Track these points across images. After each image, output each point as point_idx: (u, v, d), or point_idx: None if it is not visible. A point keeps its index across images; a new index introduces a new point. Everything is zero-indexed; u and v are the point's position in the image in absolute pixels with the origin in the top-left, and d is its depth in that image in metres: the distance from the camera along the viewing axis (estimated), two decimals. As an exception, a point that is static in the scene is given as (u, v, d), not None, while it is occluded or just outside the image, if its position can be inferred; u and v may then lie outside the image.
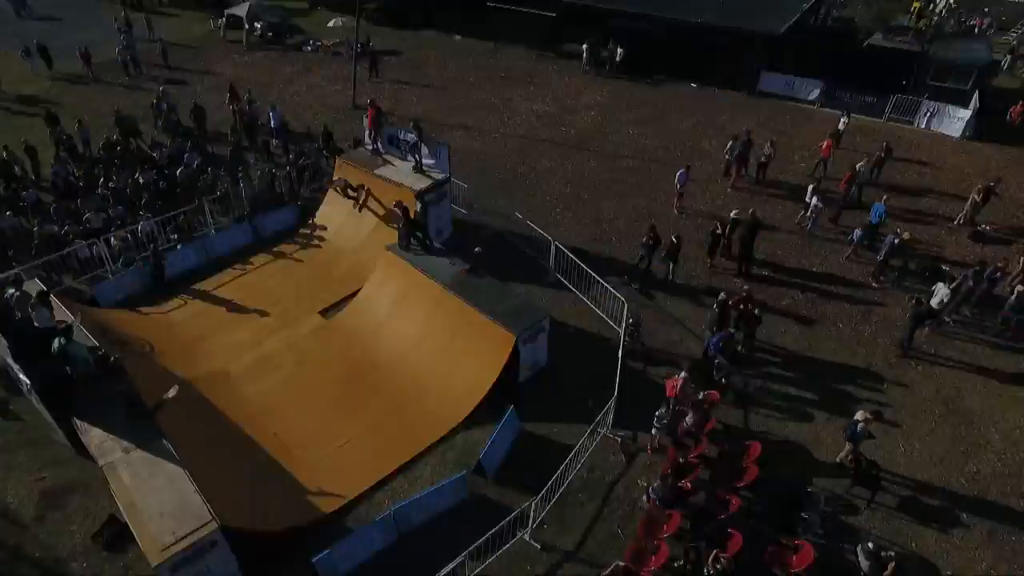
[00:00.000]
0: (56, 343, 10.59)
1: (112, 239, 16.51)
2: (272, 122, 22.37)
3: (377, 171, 17.68)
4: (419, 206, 15.18)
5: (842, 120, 23.10)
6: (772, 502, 11.41)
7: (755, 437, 12.56)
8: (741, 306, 14.37)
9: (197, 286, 16.44)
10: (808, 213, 18.28)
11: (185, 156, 20.36)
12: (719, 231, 16.90)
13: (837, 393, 13.90)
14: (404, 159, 17.95)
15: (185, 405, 11.81)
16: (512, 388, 13.37)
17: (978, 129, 24.11)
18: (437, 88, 28.30)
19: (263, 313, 15.56)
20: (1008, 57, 31.37)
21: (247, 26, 32.80)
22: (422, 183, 16.89)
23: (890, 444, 12.73)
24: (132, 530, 9.50)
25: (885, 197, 18.05)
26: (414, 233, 15.13)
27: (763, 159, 20.87)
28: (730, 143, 20.94)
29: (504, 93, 27.91)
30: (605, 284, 15.21)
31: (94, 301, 15.51)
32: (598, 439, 12.38)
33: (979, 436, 12.98)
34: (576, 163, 22.55)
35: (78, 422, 10.95)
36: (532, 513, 10.70)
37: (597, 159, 22.82)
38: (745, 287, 14.93)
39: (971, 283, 15.10)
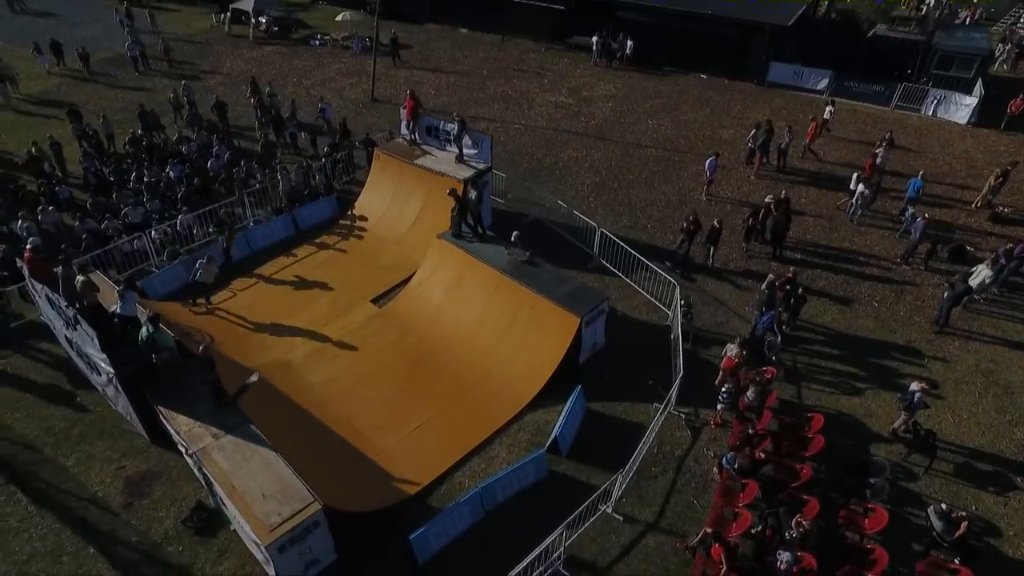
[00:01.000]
0: (144, 331, 10.65)
1: (153, 233, 16.49)
2: (322, 115, 22.95)
3: (417, 161, 17.85)
4: (474, 194, 15.39)
5: (828, 108, 23.58)
6: (839, 469, 11.87)
7: (809, 411, 13.05)
8: (787, 287, 14.84)
9: (243, 278, 16.48)
10: (853, 200, 18.83)
11: (214, 150, 20.32)
12: (756, 216, 17.35)
13: (881, 368, 14.43)
14: (442, 149, 18.15)
15: (260, 392, 11.92)
16: (573, 369, 13.70)
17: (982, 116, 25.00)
18: (453, 81, 28.46)
19: (314, 303, 15.67)
20: (1001, 46, 32.38)
21: (253, 20, 32.61)
22: (465, 172, 17.11)
23: (938, 415, 13.27)
24: (237, 512, 9.62)
25: (921, 173, 18.74)
26: (466, 221, 15.35)
27: (783, 146, 21.42)
28: (753, 131, 21.45)
29: (520, 85, 28.17)
30: (656, 268, 15.57)
31: (142, 294, 15.45)
32: (664, 415, 12.72)
33: (1022, 406, 13.61)
34: (601, 153, 22.90)
35: (162, 410, 11.03)
36: (617, 488, 11.02)
37: (620, 149, 23.20)
38: (792, 268, 15.41)
39: (1003, 261, 15.74)
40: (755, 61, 28.55)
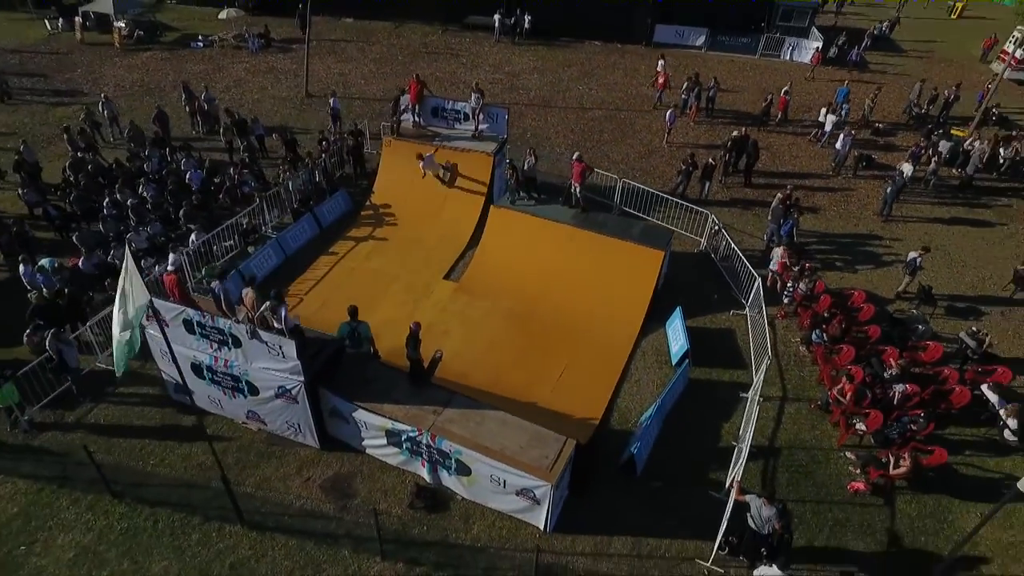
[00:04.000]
0: (347, 326, 10.47)
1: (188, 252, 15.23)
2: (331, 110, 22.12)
3: (434, 142, 18.21)
4: (532, 160, 16.39)
5: (660, 62, 26.46)
6: (883, 327, 15.13)
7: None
8: (788, 201, 17.96)
9: (298, 281, 15.87)
10: (825, 129, 22.82)
11: (182, 163, 18.68)
12: (729, 152, 20.39)
13: (862, 253, 18.22)
14: (451, 128, 18.69)
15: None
16: (654, 296, 15.55)
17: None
18: (375, 69, 28.18)
19: (390, 291, 15.66)
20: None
21: (116, 25, 29.04)
22: (488, 147, 17.93)
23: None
24: (504, 467, 10.13)
25: (847, 81, 23.03)
26: (524, 188, 16.34)
27: (711, 95, 24.88)
28: (685, 85, 24.62)
29: (443, 67, 28.71)
30: (686, 204, 17.87)
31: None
32: (746, 318, 15.05)
33: (959, 261, 18.14)
34: (556, 119, 24.63)
35: (363, 405, 10.94)
36: (759, 377, 13.15)
37: (572, 114, 25.12)
38: (789, 185, 18.58)
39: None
40: (640, 25, 31.95)
